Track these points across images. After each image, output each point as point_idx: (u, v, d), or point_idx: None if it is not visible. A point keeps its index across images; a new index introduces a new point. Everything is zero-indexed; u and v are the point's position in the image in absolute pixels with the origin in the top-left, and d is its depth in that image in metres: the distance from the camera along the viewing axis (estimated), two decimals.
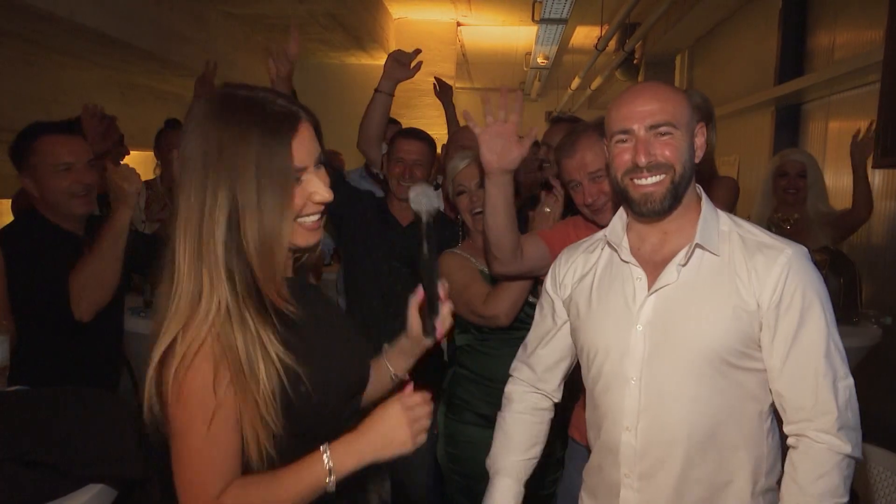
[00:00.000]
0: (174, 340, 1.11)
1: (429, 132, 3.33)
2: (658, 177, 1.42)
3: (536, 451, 1.70)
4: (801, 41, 4.92)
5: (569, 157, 2.04)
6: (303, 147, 1.16)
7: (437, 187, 3.22)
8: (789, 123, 5.07)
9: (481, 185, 2.25)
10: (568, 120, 3.13)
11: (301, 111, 1.19)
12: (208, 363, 1.10)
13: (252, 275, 1.13)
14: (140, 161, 4.00)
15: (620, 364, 1.47)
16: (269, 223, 1.12)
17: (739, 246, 1.43)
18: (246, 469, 1.15)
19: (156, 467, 1.58)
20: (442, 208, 1.29)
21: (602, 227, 2.03)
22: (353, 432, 1.19)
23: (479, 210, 2.29)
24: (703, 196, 1.51)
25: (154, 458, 1.60)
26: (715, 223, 1.46)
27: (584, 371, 1.61)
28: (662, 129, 1.42)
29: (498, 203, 1.83)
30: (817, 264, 1.54)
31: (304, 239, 1.21)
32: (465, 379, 2.36)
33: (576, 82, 9.32)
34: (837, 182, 4.19)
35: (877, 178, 3.92)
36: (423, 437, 1.21)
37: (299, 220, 1.18)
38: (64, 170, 2.13)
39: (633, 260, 1.50)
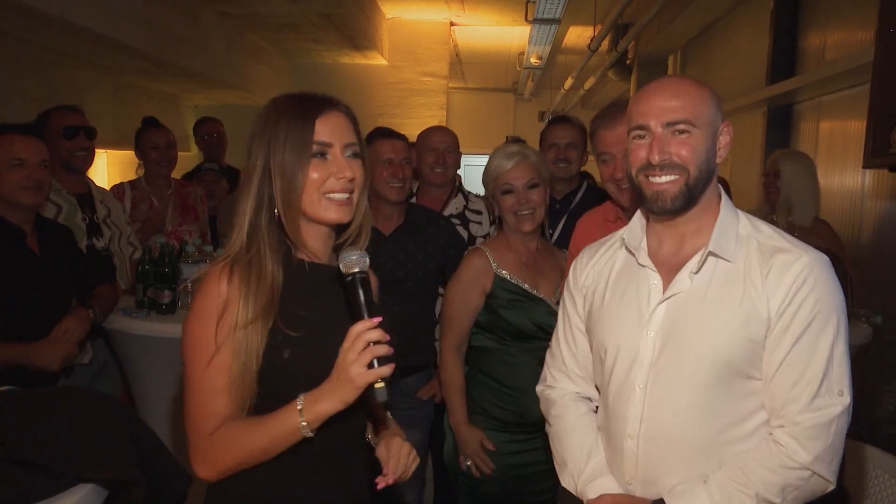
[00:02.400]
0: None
1: (420, 132, 3.34)
2: (671, 176, 1.39)
3: (602, 447, 1.59)
4: (793, 42, 4.94)
5: (608, 129, 2.03)
6: (328, 127, 1.35)
7: (412, 195, 3.20)
8: (781, 124, 5.10)
9: (530, 186, 2.29)
10: (564, 120, 3.15)
11: (336, 102, 1.40)
12: (213, 309, 1.28)
13: (280, 228, 1.35)
14: (132, 161, 3.98)
15: (629, 370, 1.46)
16: (290, 176, 1.32)
17: (756, 251, 1.39)
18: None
19: (144, 468, 1.58)
20: (364, 267, 1.29)
21: (624, 208, 2.06)
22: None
23: (525, 211, 2.29)
24: (724, 197, 1.47)
25: (146, 459, 1.60)
26: (733, 227, 1.42)
27: (595, 369, 1.60)
28: (680, 126, 1.38)
29: None
30: None
31: (332, 213, 1.35)
32: (481, 383, 2.34)
33: (569, 82, 9.32)
34: (828, 182, 4.21)
35: (867, 178, 3.94)
36: (377, 373, 1.21)
37: (327, 195, 1.34)
38: (17, 165, 2.34)
39: (650, 264, 1.47)
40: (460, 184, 3.30)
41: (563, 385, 1.67)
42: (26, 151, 2.34)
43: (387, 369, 1.21)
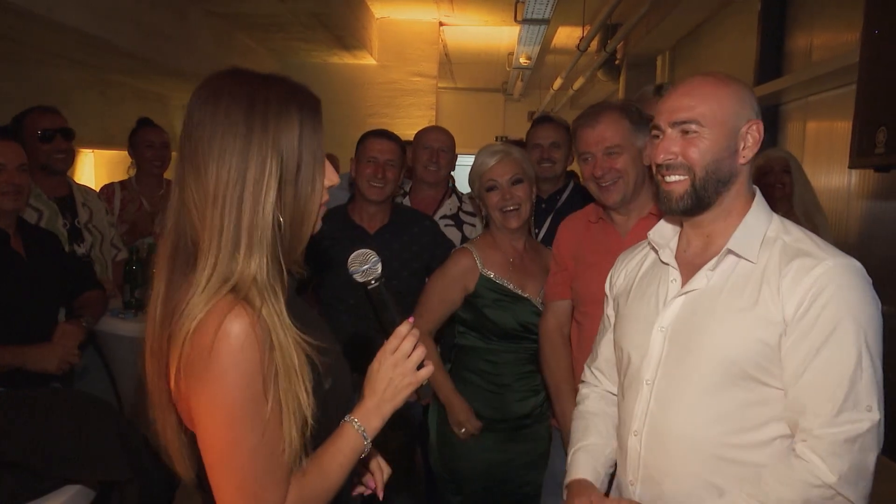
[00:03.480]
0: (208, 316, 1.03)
1: (412, 132, 3.34)
2: (678, 176, 1.37)
3: (612, 444, 1.59)
4: (780, 43, 4.97)
5: (589, 128, 2.04)
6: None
7: (405, 194, 3.21)
8: (768, 124, 5.08)
9: (513, 181, 2.28)
10: (548, 120, 3.16)
11: None
12: (254, 362, 1.03)
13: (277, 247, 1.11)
14: (120, 161, 3.96)
15: (639, 365, 1.45)
16: (304, 194, 1.10)
17: (779, 253, 1.34)
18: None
19: (137, 469, 1.57)
20: (380, 272, 1.21)
21: (606, 206, 2.07)
22: (363, 397, 1.19)
23: (511, 207, 2.28)
24: (758, 199, 1.43)
25: (136, 460, 1.60)
26: (761, 229, 1.38)
27: (616, 366, 1.61)
28: (688, 126, 1.36)
29: None
30: None
31: (318, 225, 1.19)
32: (466, 381, 2.34)
33: (558, 82, 9.34)
34: (814, 182, 4.23)
35: (853, 178, 3.97)
36: (428, 370, 1.19)
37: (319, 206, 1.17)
38: None
39: (672, 262, 1.46)
40: (454, 185, 3.30)
41: (591, 381, 1.71)
42: (3, 156, 2.30)
43: (431, 363, 1.20)
